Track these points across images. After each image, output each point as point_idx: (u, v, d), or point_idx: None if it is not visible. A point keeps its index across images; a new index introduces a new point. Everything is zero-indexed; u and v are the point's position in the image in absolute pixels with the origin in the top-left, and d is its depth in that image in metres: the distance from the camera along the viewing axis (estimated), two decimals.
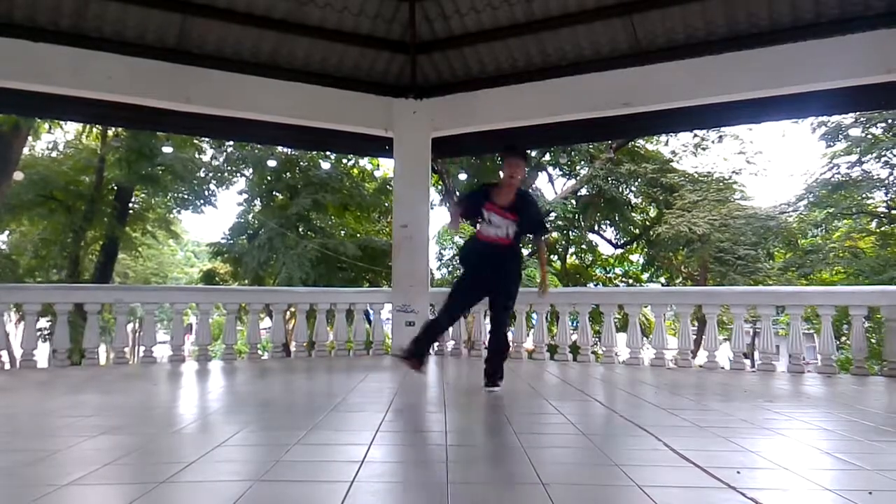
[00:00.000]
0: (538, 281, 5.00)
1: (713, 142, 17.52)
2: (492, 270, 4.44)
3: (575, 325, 7.78)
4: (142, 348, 7.38)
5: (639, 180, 17.30)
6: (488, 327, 8.95)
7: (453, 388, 4.93)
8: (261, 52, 7.16)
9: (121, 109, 7.01)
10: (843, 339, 12.46)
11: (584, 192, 17.58)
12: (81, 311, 7.34)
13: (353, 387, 4.68)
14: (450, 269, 16.69)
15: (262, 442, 2.93)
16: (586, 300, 7.45)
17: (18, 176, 14.22)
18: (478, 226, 4.51)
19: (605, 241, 20.11)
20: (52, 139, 16.71)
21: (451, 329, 7.45)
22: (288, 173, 16.65)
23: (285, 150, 16.00)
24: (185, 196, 16.57)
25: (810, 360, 8.85)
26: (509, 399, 4.24)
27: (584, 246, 20.07)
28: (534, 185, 18.35)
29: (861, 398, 4.54)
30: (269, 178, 16.89)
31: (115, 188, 15.87)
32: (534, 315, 8.19)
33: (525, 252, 17.59)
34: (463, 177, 16.66)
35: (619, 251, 20.60)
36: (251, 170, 16.93)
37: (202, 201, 16.90)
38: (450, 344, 7.47)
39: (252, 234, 16.77)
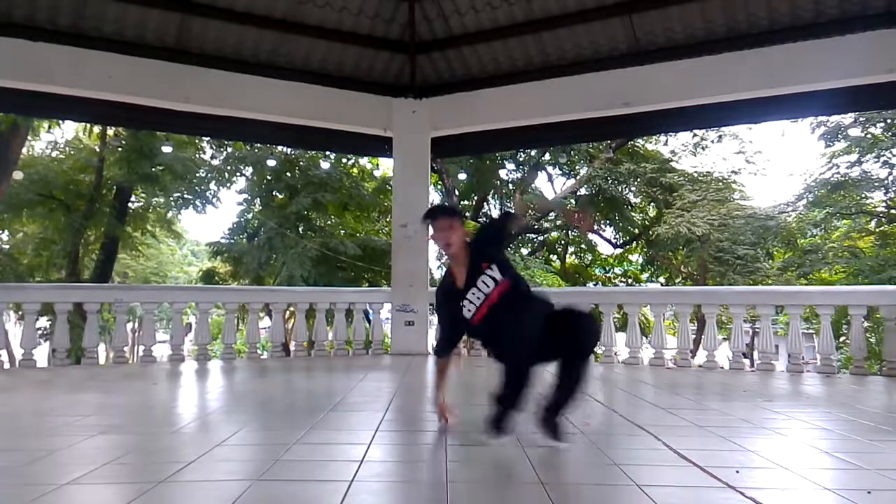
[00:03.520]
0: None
1: (712, 141, 17.53)
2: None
3: None
4: (141, 348, 7.38)
5: (638, 180, 17.28)
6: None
7: (453, 387, 4.92)
8: (260, 52, 7.17)
9: (121, 109, 7.02)
10: (843, 338, 12.46)
11: (583, 191, 17.59)
12: (81, 311, 7.34)
13: (352, 386, 4.69)
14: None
15: (261, 441, 2.93)
16: (585, 300, 7.42)
17: (18, 175, 14.20)
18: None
19: (604, 241, 20.11)
20: (52, 139, 16.70)
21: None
22: (288, 173, 16.63)
23: (285, 149, 16.00)
24: (185, 196, 16.55)
25: (809, 359, 8.85)
26: None
27: (583, 246, 20.08)
28: (533, 185, 18.37)
29: (860, 398, 4.54)
30: (268, 177, 16.86)
31: (115, 188, 15.86)
32: None
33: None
34: (462, 176, 16.67)
35: (619, 251, 20.59)
36: (251, 169, 16.91)
37: (202, 201, 16.88)
38: None
39: (252, 234, 16.76)
